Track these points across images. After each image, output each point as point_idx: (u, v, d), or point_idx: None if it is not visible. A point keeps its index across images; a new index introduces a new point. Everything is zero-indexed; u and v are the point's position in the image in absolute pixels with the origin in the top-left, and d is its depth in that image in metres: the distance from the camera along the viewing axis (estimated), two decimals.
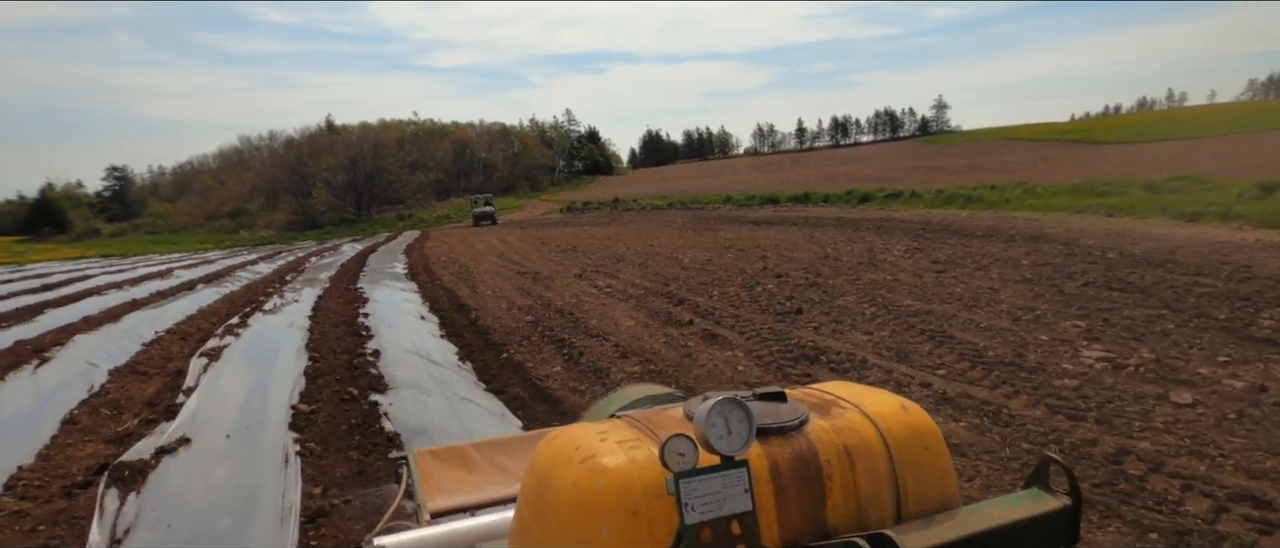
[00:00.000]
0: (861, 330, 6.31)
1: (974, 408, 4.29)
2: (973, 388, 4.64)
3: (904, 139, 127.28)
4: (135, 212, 77.98)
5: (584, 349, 6.24)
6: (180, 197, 72.45)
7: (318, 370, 5.90)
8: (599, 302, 8.47)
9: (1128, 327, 5.74)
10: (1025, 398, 4.40)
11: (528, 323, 7.54)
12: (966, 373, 4.96)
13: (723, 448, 0.86)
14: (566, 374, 5.58)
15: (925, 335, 5.97)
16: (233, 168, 69.19)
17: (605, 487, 0.89)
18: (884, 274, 9.01)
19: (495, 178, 70.85)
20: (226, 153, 75.97)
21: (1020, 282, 7.80)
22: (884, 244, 12.02)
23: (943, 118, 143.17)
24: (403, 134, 71.14)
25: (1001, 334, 5.82)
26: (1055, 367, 4.95)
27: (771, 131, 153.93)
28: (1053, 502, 1.00)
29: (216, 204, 63.32)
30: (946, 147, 71.92)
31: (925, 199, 24.14)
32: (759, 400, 1.05)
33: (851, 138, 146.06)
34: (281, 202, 57.27)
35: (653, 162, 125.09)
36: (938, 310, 6.77)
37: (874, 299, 7.51)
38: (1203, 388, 4.31)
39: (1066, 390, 4.46)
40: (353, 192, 56.08)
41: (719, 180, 54.07)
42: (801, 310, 7.22)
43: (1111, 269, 8.07)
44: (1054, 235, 11.37)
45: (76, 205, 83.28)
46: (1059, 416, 4.07)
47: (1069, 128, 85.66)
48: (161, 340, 7.59)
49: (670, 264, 11.43)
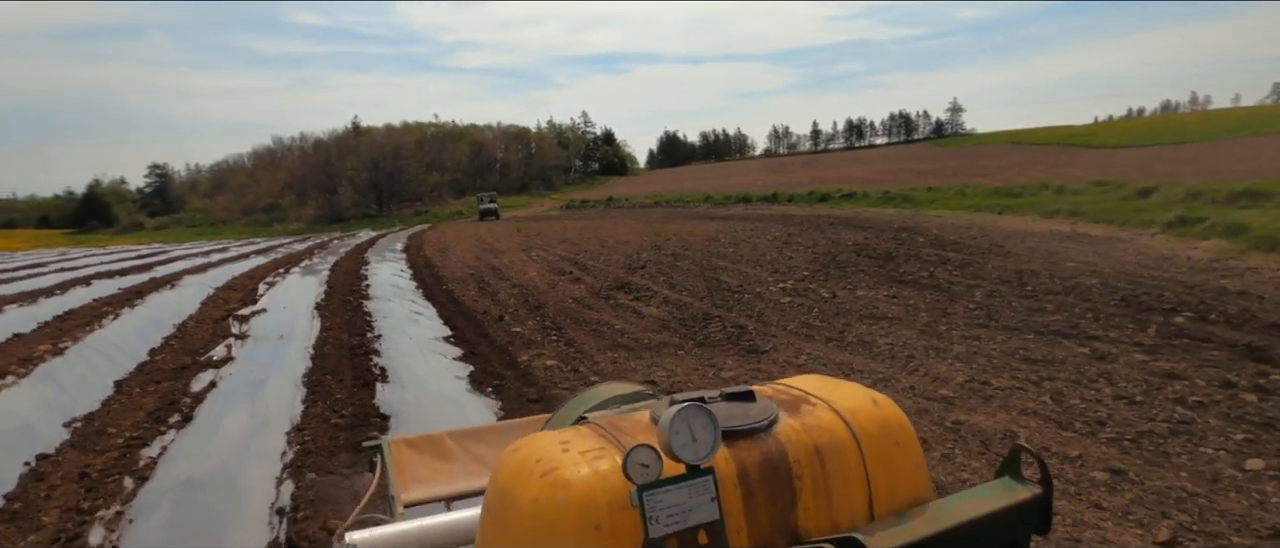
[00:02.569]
0: (669, 277, 10.07)
1: (688, 306, 8.07)
2: (696, 300, 8.38)
3: (918, 142, 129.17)
4: (175, 207, 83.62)
5: (494, 285, 10.12)
6: (218, 193, 77.97)
7: (331, 290, 9.93)
8: (523, 264, 12.37)
9: (835, 276, 9.42)
10: (710, 301, 8.16)
11: (469, 274, 11.46)
12: (699, 292, 8.70)
13: (687, 457, 0.84)
14: (476, 294, 9.47)
15: (703, 280, 9.70)
16: (266, 166, 74.49)
17: (567, 502, 0.86)
18: (734, 250, 12.70)
19: (510, 178, 75.17)
20: (260, 152, 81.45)
21: (811, 251, 11.46)
22: (769, 232, 15.68)
23: (957, 121, 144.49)
24: (423, 135, 75.85)
25: (746, 278, 9.53)
26: (752, 291, 8.66)
27: (786, 133, 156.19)
28: (1023, 491, 1.00)
29: (251, 200, 68.57)
30: (955, 149, 73.27)
31: (872, 199, 27.01)
32: (727, 401, 1.03)
33: (866, 140, 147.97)
34: (310, 198, 62.32)
35: (669, 162, 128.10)
36: (730, 268, 10.48)
37: (702, 263, 11.24)
38: (823, 291, 8.04)
39: (745, 301, 8.21)
40: (375, 189, 60.90)
41: (728, 181, 56.19)
42: (645, 266, 11.00)
43: (891, 247, 11.71)
44: (907, 226, 14.95)
45: (121, 201, 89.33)
46: (733, 311, 7.83)
47: (1074, 132, 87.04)
48: (237, 279, 11.75)
49: (595, 245, 15.27)
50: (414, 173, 64.21)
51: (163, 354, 6.66)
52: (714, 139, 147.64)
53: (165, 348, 6.92)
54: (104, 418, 4.68)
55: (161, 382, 5.60)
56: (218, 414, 4.58)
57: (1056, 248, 10.24)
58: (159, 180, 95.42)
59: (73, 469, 3.75)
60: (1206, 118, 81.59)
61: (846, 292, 8.21)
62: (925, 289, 8.04)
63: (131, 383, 5.61)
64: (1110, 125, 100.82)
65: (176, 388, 5.36)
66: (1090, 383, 4.63)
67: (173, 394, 5.19)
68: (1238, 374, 4.52)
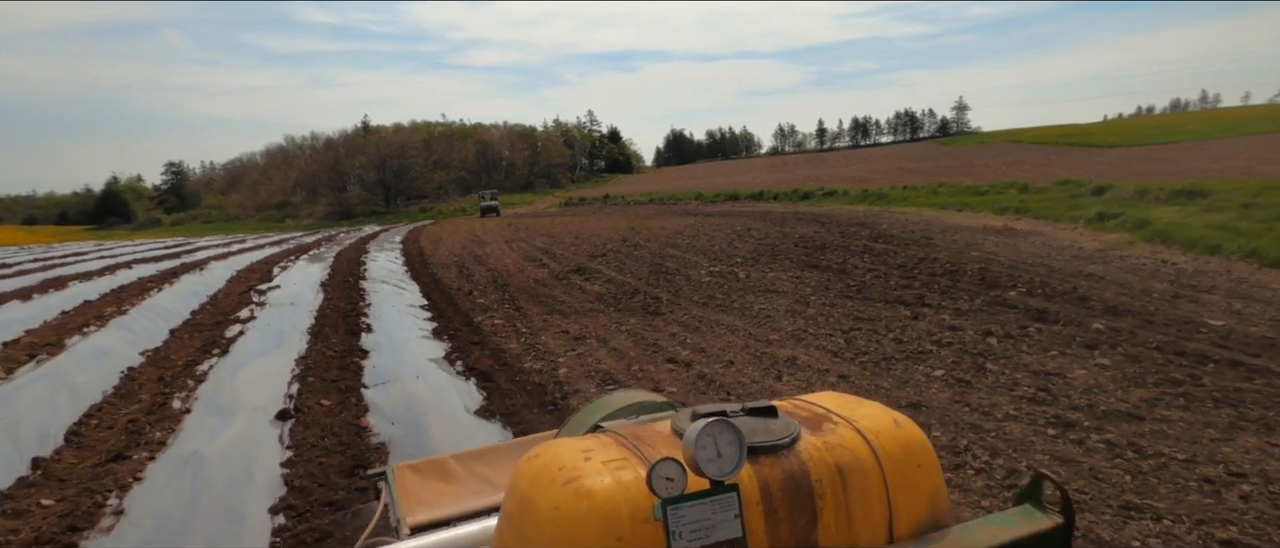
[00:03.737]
0: (622, 263, 11.80)
1: (625, 285, 9.81)
2: (634, 280, 10.10)
3: (923, 140, 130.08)
4: (191, 204, 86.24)
5: (473, 270, 11.90)
6: (232, 190, 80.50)
7: (333, 272, 11.78)
8: (502, 253, 14.15)
9: (763, 263, 11.12)
10: (645, 281, 9.90)
11: (454, 261, 13.25)
12: (640, 274, 10.43)
13: (712, 473, 0.85)
14: (455, 277, 11.26)
15: (649, 266, 11.42)
16: (278, 165, 76.86)
17: (589, 512, 0.86)
18: (691, 242, 14.41)
19: (515, 176, 77.10)
20: (272, 151, 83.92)
21: (758, 243, 13.16)
22: (733, 226, 17.37)
23: (963, 119, 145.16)
24: (430, 134, 77.95)
25: (685, 264, 11.24)
26: (684, 274, 10.37)
27: (792, 132, 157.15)
28: (1044, 521, 1.00)
29: (264, 197, 70.97)
30: (957, 148, 73.51)
31: (850, 197, 28.23)
32: (749, 416, 1.04)
33: (871, 139, 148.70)
34: (321, 195, 64.62)
35: (677, 160, 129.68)
36: (678, 256, 12.19)
37: (656, 252, 12.96)
38: (742, 274, 9.76)
39: (675, 281, 9.94)
40: (382, 187, 63.08)
41: (729, 179, 57.52)
42: (605, 255, 12.75)
43: (832, 239, 13.40)
44: (864, 221, 16.62)
45: (138, 198, 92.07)
46: (658, 288, 9.56)
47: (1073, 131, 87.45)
48: (256, 264, 13.66)
49: (572, 238, 17.03)
50: (420, 171, 66.33)
51: (201, 314, 8.52)
52: (720, 137, 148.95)
53: (202, 310, 8.78)
54: (166, 351, 6.50)
55: (203, 331, 7.42)
56: (247, 350, 6.38)
57: (976, 240, 11.44)
58: (175, 178, 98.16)
59: (152, 375, 5.55)
60: (1206, 117, 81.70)
61: (759, 274, 9.90)
62: (827, 272, 9.68)
63: (181, 331, 7.45)
64: (1109, 125, 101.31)
65: (215, 335, 7.17)
66: (886, 332, 6.30)
67: (213, 338, 7.01)
68: (1003, 327, 6.10)
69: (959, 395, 4.55)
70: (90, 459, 3.89)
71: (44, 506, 3.33)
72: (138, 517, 3.18)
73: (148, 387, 5.22)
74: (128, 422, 4.43)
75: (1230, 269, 7.96)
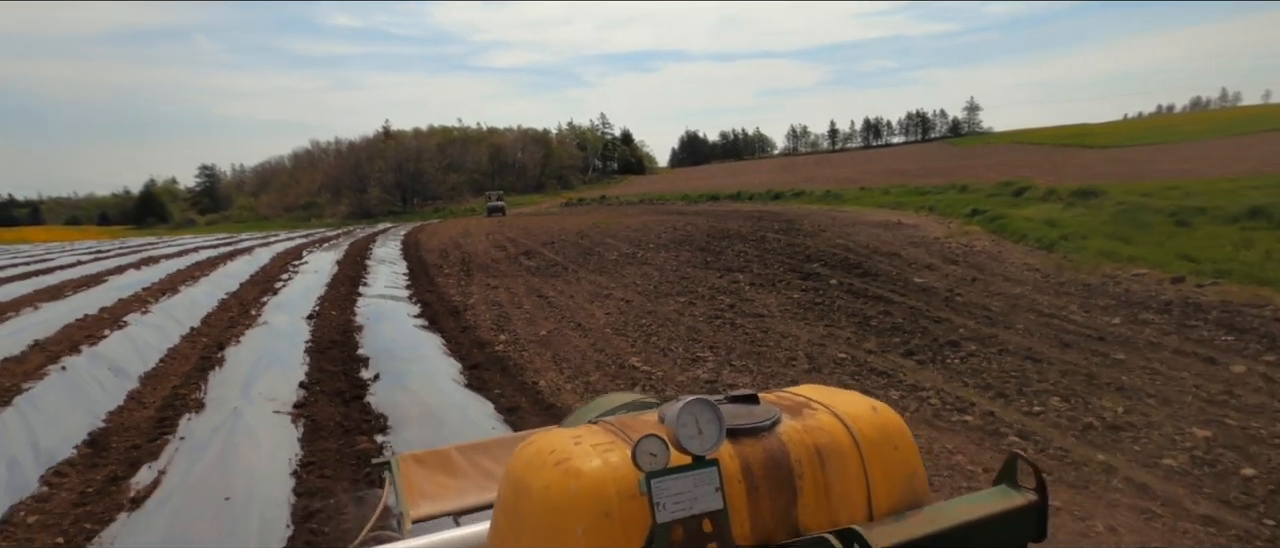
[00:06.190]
0: (562, 249, 15.58)
1: (552, 261, 13.64)
2: (560, 259, 13.87)
3: (934, 140, 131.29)
4: (223, 205, 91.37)
5: (451, 254, 15.82)
6: (262, 191, 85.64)
7: (346, 256, 15.81)
8: (479, 243, 18.08)
9: (668, 247, 14.84)
10: (568, 259, 13.71)
11: (439, 248, 17.21)
12: (570, 255, 14.20)
13: (693, 448, 0.89)
14: (436, 259, 15.19)
15: (580, 250, 15.17)
16: (305, 168, 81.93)
17: (579, 490, 0.91)
18: (631, 234, 18.03)
19: (527, 178, 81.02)
20: (299, 154, 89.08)
21: (682, 234, 16.86)
22: (675, 221, 20.97)
23: (974, 119, 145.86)
24: (447, 138, 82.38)
25: (609, 248, 14.98)
26: (601, 255, 14.11)
27: (805, 132, 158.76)
28: (1019, 498, 1.04)
29: (292, 198, 75.99)
30: (963, 149, 72.65)
31: (813, 197, 30.58)
32: (731, 403, 1.09)
33: (883, 139, 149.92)
34: (343, 196, 69.50)
35: (691, 161, 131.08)
36: (609, 244, 15.89)
37: (594, 241, 16.70)
38: (641, 254, 13.56)
39: (589, 259, 13.75)
40: (399, 189, 67.79)
41: (736, 179, 58.10)
42: (554, 243, 16.56)
43: (745, 230, 17.08)
44: (793, 216, 20.22)
45: (174, 199, 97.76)
46: (572, 264, 13.38)
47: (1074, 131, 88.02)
48: (289, 250, 17.82)
49: (541, 232, 20.86)
50: (434, 174, 70.96)
51: (257, 277, 12.72)
52: (734, 138, 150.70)
53: (256, 276, 12.96)
54: (240, 293, 10.50)
55: (259, 284, 11.57)
56: (290, 293, 10.37)
57: (856, 231, 13.01)
58: (208, 180, 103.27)
59: (234, 304, 9.53)
60: (1206, 118, 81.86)
61: (654, 254, 13.58)
62: (706, 252, 13.20)
63: (246, 284, 11.63)
64: (1112, 126, 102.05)
65: (267, 286, 11.25)
66: (688, 285, 9.96)
67: (266, 288, 11.06)
68: (771, 283, 9.69)
69: (683, 309, 8.29)
70: (218, 326, 7.85)
71: (204, 341, 7.28)
72: (247, 349, 7.09)
73: (234, 308, 9.20)
74: (229, 319, 8.39)
75: (1004, 253, 9.67)
